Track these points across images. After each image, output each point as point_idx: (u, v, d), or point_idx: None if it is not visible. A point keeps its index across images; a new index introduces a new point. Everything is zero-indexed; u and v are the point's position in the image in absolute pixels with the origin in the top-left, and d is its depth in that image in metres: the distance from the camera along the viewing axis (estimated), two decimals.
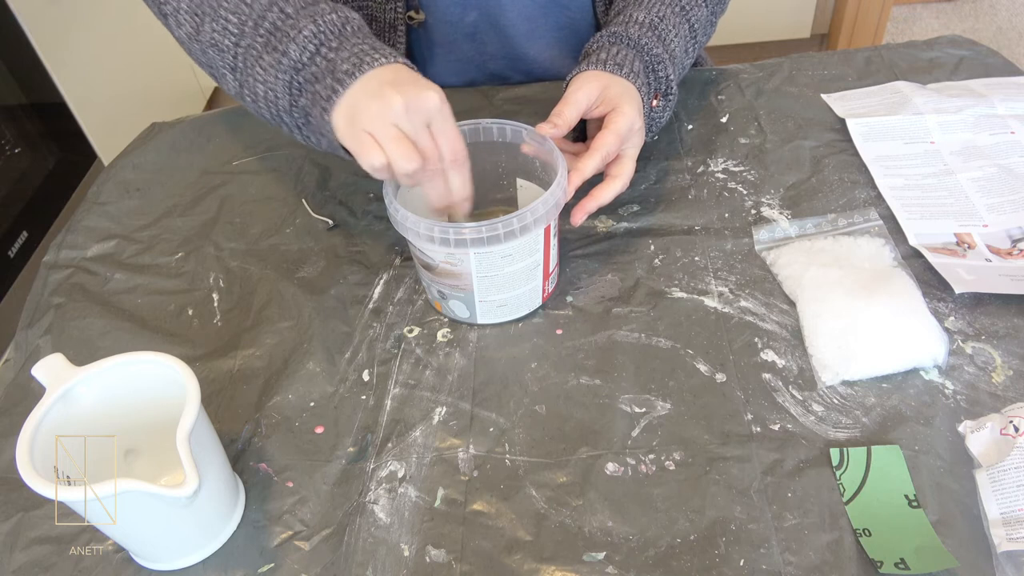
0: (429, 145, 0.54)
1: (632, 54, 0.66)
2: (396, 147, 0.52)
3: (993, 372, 0.55)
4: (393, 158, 0.53)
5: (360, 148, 0.54)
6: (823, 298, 0.58)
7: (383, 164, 0.53)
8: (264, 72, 0.58)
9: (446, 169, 0.55)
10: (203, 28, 0.60)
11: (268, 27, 0.58)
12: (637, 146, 0.64)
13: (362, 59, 0.55)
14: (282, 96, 0.59)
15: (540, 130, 0.59)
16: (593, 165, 0.60)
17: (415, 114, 0.53)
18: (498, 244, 0.54)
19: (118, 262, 0.71)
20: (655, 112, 0.69)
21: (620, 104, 0.62)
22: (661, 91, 0.68)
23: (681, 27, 0.71)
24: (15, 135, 1.49)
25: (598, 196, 0.62)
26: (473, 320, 0.62)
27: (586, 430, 0.54)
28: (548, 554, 0.48)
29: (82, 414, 0.48)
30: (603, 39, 0.67)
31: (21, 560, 0.50)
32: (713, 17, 0.76)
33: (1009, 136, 0.72)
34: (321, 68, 0.57)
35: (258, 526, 0.51)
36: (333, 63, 0.56)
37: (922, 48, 0.86)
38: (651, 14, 0.69)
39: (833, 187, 0.70)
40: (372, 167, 0.54)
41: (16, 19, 1.42)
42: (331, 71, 0.56)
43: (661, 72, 0.67)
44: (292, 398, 0.58)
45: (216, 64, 0.62)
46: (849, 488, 0.49)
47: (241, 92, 0.62)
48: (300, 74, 0.57)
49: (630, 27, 0.67)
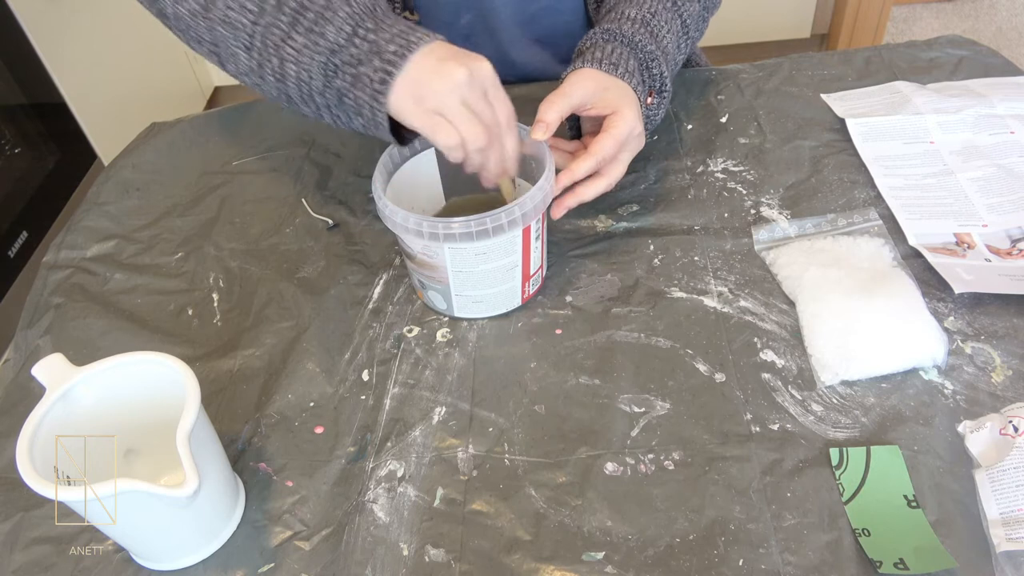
0: (489, 114, 0.56)
1: (626, 52, 0.66)
2: (468, 127, 0.55)
3: (992, 372, 0.55)
4: (467, 136, 0.55)
5: (434, 128, 0.55)
6: (822, 298, 0.58)
7: (457, 143, 0.55)
8: (297, 53, 0.58)
9: (502, 134, 0.57)
10: (214, 5, 0.59)
11: (294, 6, 0.57)
12: (634, 151, 0.64)
13: (407, 39, 0.56)
14: (316, 77, 0.58)
15: (532, 136, 0.59)
16: (587, 168, 0.61)
17: (476, 85, 0.55)
18: (470, 242, 0.55)
19: (118, 262, 0.71)
20: (650, 110, 0.69)
21: (621, 108, 0.62)
22: (656, 88, 0.68)
23: (673, 23, 0.71)
24: (15, 135, 1.49)
25: (580, 193, 0.62)
26: (450, 312, 0.62)
27: (585, 430, 0.54)
28: (547, 554, 0.48)
29: (82, 414, 0.48)
30: (596, 36, 0.67)
31: (21, 560, 0.50)
32: (705, 13, 0.76)
33: (1009, 136, 0.72)
34: (362, 50, 0.56)
35: (258, 526, 0.51)
36: (376, 44, 0.56)
37: (922, 48, 0.86)
38: (643, 10, 0.69)
39: (833, 187, 0.70)
40: (448, 146, 0.55)
41: (16, 19, 1.42)
42: (376, 52, 0.56)
43: (655, 69, 0.67)
44: (292, 398, 0.58)
45: (226, 42, 0.61)
46: (848, 488, 0.49)
47: (260, 72, 0.61)
48: (337, 56, 0.57)
49: (623, 24, 0.67)
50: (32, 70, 1.47)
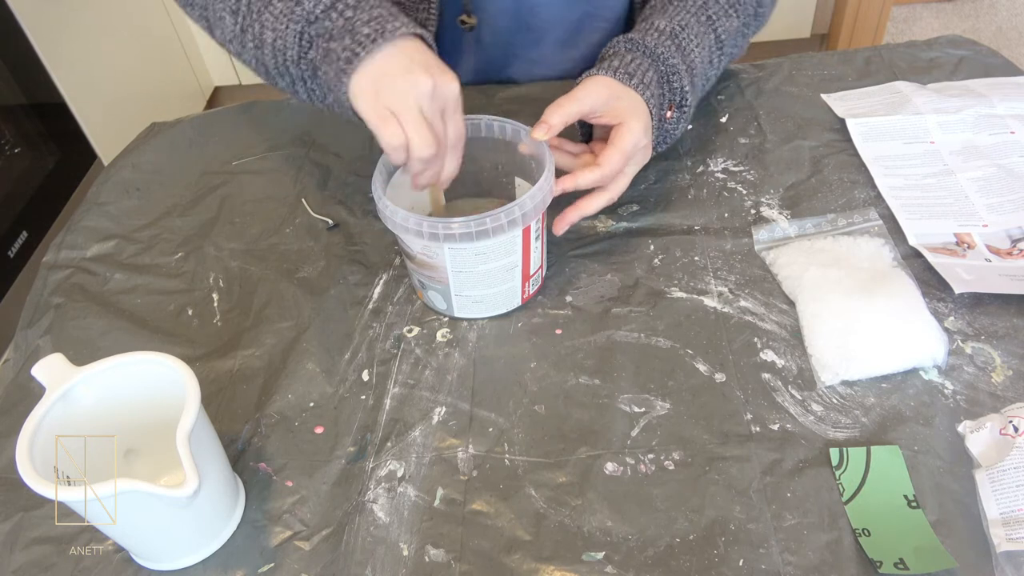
0: (441, 131, 0.55)
1: (647, 63, 0.64)
2: (418, 131, 0.53)
3: (993, 372, 0.55)
4: (414, 142, 0.54)
5: (382, 124, 0.54)
6: (822, 298, 0.58)
7: (401, 144, 0.54)
8: (275, 19, 0.58)
9: (447, 152, 0.57)
10: None
11: None
12: (639, 164, 0.64)
13: (384, 26, 0.55)
14: (291, 46, 0.58)
15: (532, 135, 0.59)
16: (592, 180, 0.60)
17: (438, 100, 0.54)
18: (470, 242, 0.55)
19: (118, 262, 0.71)
20: (668, 124, 0.68)
21: (627, 120, 0.61)
22: (676, 102, 0.67)
23: (706, 37, 0.69)
24: (15, 135, 1.49)
25: (582, 207, 0.62)
26: (450, 312, 0.62)
27: (585, 430, 0.54)
28: (547, 554, 0.48)
29: (82, 414, 0.48)
30: (619, 45, 0.66)
31: (21, 560, 0.50)
32: (745, 29, 0.74)
33: (1009, 136, 0.72)
34: (337, 25, 0.56)
35: (258, 526, 0.51)
36: (351, 22, 0.56)
37: (922, 48, 0.86)
38: (673, 22, 0.67)
39: (833, 187, 0.70)
40: (390, 145, 0.54)
41: (16, 19, 1.42)
42: (349, 31, 0.55)
43: (676, 83, 0.66)
44: (292, 398, 0.58)
45: (214, 5, 0.61)
46: (848, 488, 0.49)
47: (242, 38, 0.61)
48: (313, 26, 0.57)
49: (648, 35, 0.66)
50: (32, 70, 1.47)
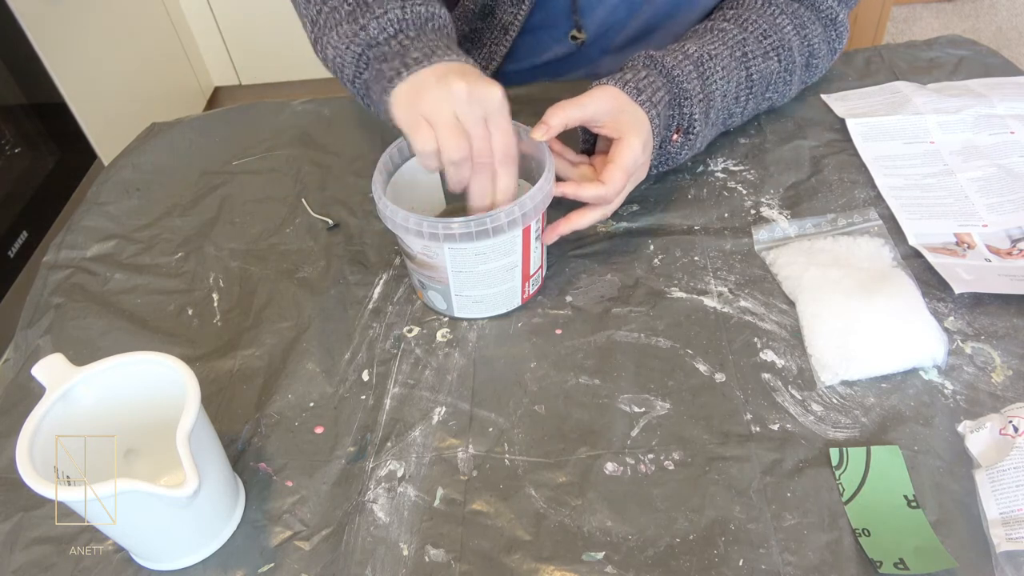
0: (483, 138, 0.54)
1: (660, 82, 0.64)
2: (448, 134, 0.53)
3: (992, 372, 0.55)
4: (444, 145, 0.53)
5: (414, 130, 0.54)
6: (822, 298, 0.58)
7: (433, 149, 0.54)
8: (339, 39, 0.61)
9: (496, 165, 0.55)
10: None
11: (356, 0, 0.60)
12: (635, 180, 0.63)
13: (433, 51, 0.56)
14: (348, 66, 0.61)
15: (531, 135, 0.59)
16: (593, 195, 0.60)
17: (476, 104, 0.53)
18: (470, 242, 0.55)
19: (118, 262, 0.71)
20: (672, 147, 0.67)
21: (626, 135, 0.60)
22: (683, 127, 0.67)
23: (736, 72, 0.68)
24: (15, 135, 1.49)
25: (574, 221, 0.61)
26: (450, 312, 0.62)
27: (585, 430, 0.54)
28: (547, 554, 0.48)
29: (82, 414, 0.48)
30: (639, 60, 0.66)
31: (21, 560, 0.50)
32: (788, 75, 0.72)
33: (1009, 136, 0.72)
34: (393, 50, 0.58)
35: (258, 526, 0.51)
36: (406, 49, 0.57)
37: (922, 48, 0.86)
38: (704, 49, 0.67)
39: (833, 187, 0.70)
40: (422, 151, 0.54)
41: (16, 19, 1.42)
42: (401, 55, 0.57)
43: (686, 109, 0.65)
44: (292, 398, 0.58)
45: (301, 8, 0.66)
46: (848, 488, 0.49)
47: (314, 45, 0.65)
48: (372, 50, 0.60)
49: (669, 55, 0.66)
50: (32, 70, 1.48)
